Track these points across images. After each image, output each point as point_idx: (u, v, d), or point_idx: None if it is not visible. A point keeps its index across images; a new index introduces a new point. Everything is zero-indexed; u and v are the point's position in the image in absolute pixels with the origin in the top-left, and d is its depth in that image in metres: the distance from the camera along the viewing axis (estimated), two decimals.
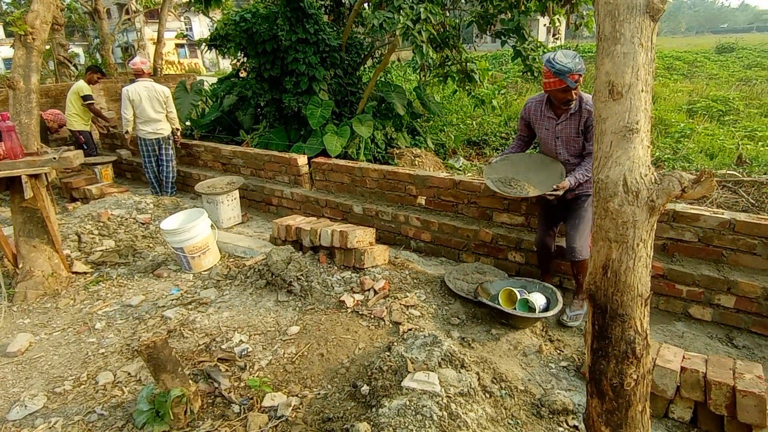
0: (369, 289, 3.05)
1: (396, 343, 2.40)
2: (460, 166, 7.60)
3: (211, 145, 5.95)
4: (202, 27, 33.63)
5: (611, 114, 1.29)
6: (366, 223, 4.33)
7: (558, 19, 6.21)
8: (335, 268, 3.34)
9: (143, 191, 5.81)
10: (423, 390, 1.97)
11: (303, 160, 5.01)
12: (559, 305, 2.81)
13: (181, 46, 34.51)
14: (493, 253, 3.68)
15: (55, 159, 3.08)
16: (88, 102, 6.15)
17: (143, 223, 4.25)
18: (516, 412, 2.10)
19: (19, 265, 3.28)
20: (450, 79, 6.84)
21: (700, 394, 2.03)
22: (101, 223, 4.05)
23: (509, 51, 6.91)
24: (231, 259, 3.80)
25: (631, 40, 1.26)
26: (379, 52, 8.16)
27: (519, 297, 2.87)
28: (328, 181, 4.77)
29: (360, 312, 2.87)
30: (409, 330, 2.58)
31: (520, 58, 6.44)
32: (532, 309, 2.81)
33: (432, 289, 3.13)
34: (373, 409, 1.98)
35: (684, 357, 2.16)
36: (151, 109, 5.25)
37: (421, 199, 4.09)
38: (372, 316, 2.80)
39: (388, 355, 2.28)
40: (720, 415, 2.01)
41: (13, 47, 3.25)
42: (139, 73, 5.26)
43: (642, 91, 1.27)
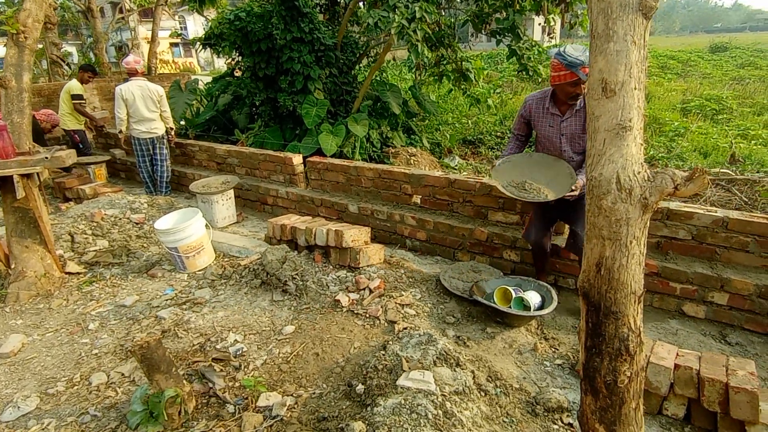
0: (364, 288, 3.04)
1: (391, 342, 2.40)
2: (456, 165, 7.61)
3: (206, 145, 5.92)
4: (196, 26, 33.48)
5: (604, 112, 1.29)
6: (361, 222, 4.32)
7: (553, 18, 6.22)
8: (330, 267, 3.33)
9: (137, 191, 5.77)
10: (418, 389, 1.97)
11: (298, 160, 5.00)
12: (554, 303, 2.81)
13: (176, 45, 34.31)
14: (489, 252, 3.68)
15: (47, 158, 3.06)
16: (76, 101, 6.09)
17: (137, 223, 4.22)
18: (511, 411, 2.10)
19: (11, 266, 3.26)
20: (445, 78, 6.84)
21: (693, 390, 2.04)
22: (95, 223, 4.03)
23: (504, 50, 6.91)
24: (226, 259, 3.78)
25: (624, 37, 1.26)
26: (375, 51, 8.15)
27: (514, 295, 2.88)
28: (323, 181, 4.77)
29: (355, 311, 2.86)
30: (405, 329, 2.58)
31: (515, 57, 6.45)
32: (527, 307, 2.81)
33: (427, 287, 3.13)
34: (368, 408, 1.98)
35: (678, 354, 2.17)
36: (145, 109, 5.22)
37: (417, 198, 4.09)
38: (367, 315, 2.80)
39: (383, 354, 2.28)
40: (713, 412, 2.02)
41: (5, 46, 3.22)
42: (132, 73, 5.23)
43: (635, 88, 1.27)
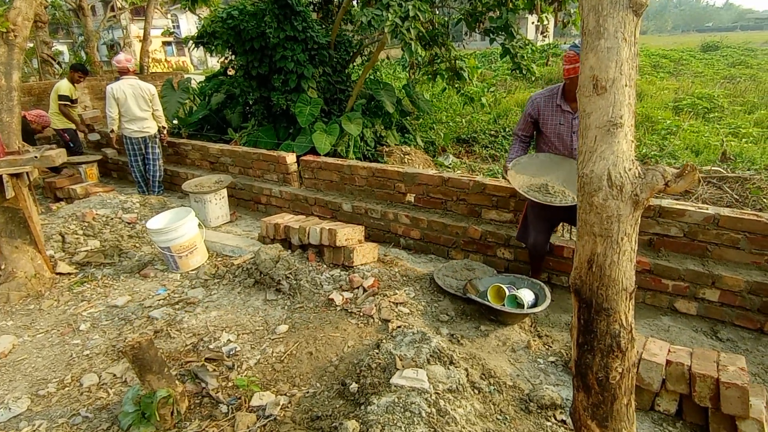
0: (358, 287, 3.04)
1: (385, 341, 2.40)
2: (450, 164, 7.61)
3: (199, 144, 5.89)
4: (189, 24, 33.27)
5: (595, 108, 1.30)
6: (355, 221, 4.31)
7: (546, 17, 6.24)
8: (324, 266, 3.32)
9: (129, 190, 5.73)
10: (412, 387, 1.97)
11: (292, 159, 4.98)
12: (548, 301, 2.82)
13: (168, 44, 34.06)
14: (482, 250, 3.69)
15: (36, 158, 3.02)
16: (62, 102, 6.00)
17: (129, 223, 4.19)
18: (504, 408, 2.11)
19: (1, 267, 3.23)
20: (439, 77, 6.85)
21: (685, 386, 2.06)
22: (86, 223, 3.99)
23: (498, 49, 6.93)
24: (219, 258, 3.76)
25: (614, 34, 1.26)
26: (368, 49, 8.14)
27: (508, 293, 2.88)
28: (317, 180, 4.75)
29: (349, 310, 2.85)
30: (398, 327, 2.58)
31: (508, 56, 6.46)
32: (520, 305, 2.82)
33: (421, 286, 3.13)
34: (362, 406, 1.97)
35: (669, 350, 2.19)
36: (137, 108, 5.17)
37: (410, 197, 4.09)
38: (361, 314, 2.80)
39: (377, 353, 2.28)
40: (704, 407, 2.03)
41: None
42: (124, 71, 5.18)
43: (626, 85, 1.27)
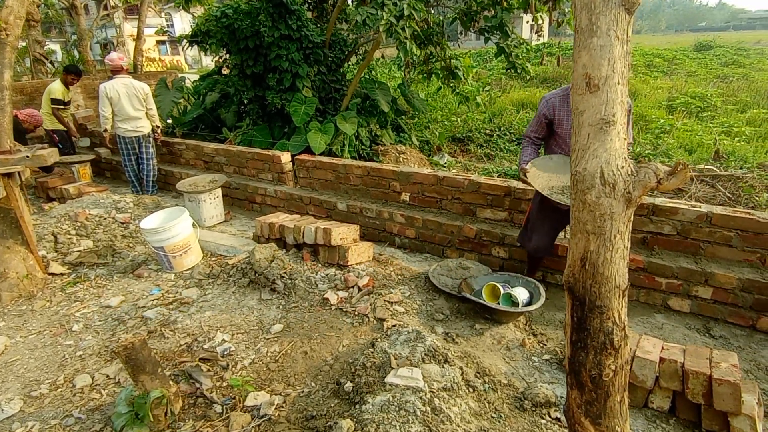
0: (353, 286, 3.03)
1: (380, 340, 2.39)
2: (445, 163, 7.62)
3: (193, 143, 5.86)
4: (183, 23, 33.07)
5: (588, 106, 1.30)
6: (350, 220, 4.30)
7: (541, 16, 6.25)
8: (319, 265, 3.32)
9: (123, 190, 5.69)
10: (406, 386, 1.97)
11: (286, 158, 4.97)
12: (542, 299, 2.83)
13: (163, 42, 33.87)
14: (477, 249, 3.69)
15: (28, 157, 2.99)
16: (54, 106, 5.98)
17: (123, 223, 4.16)
18: (499, 406, 2.11)
19: None
20: (434, 76, 6.85)
21: (678, 383, 2.07)
22: (79, 223, 3.96)
23: (493, 48, 6.93)
24: (213, 258, 3.74)
25: (607, 32, 1.26)
26: (363, 48, 8.13)
27: (502, 292, 2.89)
28: (311, 179, 4.74)
29: (344, 309, 2.85)
30: (393, 326, 2.57)
31: (503, 55, 6.46)
32: (515, 303, 2.82)
33: (416, 285, 3.13)
34: (357, 405, 1.97)
35: (663, 348, 2.20)
36: (131, 107, 5.14)
37: (405, 196, 4.09)
38: (356, 313, 2.79)
39: (372, 352, 2.27)
40: (697, 404, 2.05)
41: None
42: (117, 70, 5.14)
43: (618, 83, 1.28)
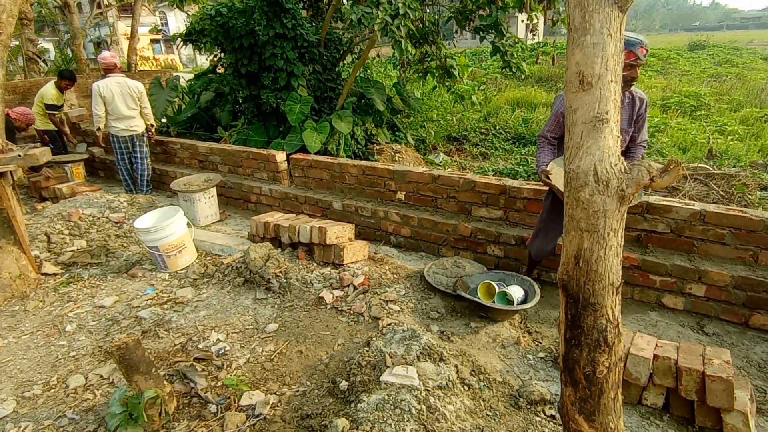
0: (348, 285, 3.03)
1: (375, 338, 2.39)
2: (441, 162, 7.62)
3: (188, 142, 5.83)
4: (178, 22, 32.88)
5: (582, 104, 1.30)
6: (346, 219, 4.30)
7: (536, 15, 6.26)
8: (314, 264, 3.31)
9: (117, 190, 5.65)
10: (401, 384, 1.97)
11: (282, 157, 4.95)
12: (537, 297, 2.84)
13: (157, 41, 33.68)
14: (473, 247, 3.70)
15: (20, 156, 2.97)
16: (50, 112, 5.93)
17: (116, 222, 4.14)
18: (494, 404, 2.11)
19: None
20: (429, 75, 6.85)
21: (671, 380, 2.08)
22: (72, 223, 3.93)
23: (488, 47, 6.94)
24: (208, 258, 3.73)
25: (600, 30, 1.26)
26: (359, 47, 8.12)
27: (497, 290, 2.89)
28: (307, 178, 4.73)
29: (339, 308, 2.85)
30: (389, 325, 2.57)
31: (498, 54, 6.48)
32: (510, 302, 2.83)
33: (412, 283, 3.13)
34: (352, 404, 1.97)
35: (657, 345, 2.21)
36: (124, 106, 5.10)
37: (401, 195, 4.09)
38: (351, 312, 2.79)
39: (367, 350, 2.27)
40: (691, 400, 2.06)
41: None
42: (110, 68, 5.10)
43: (611, 81, 1.28)
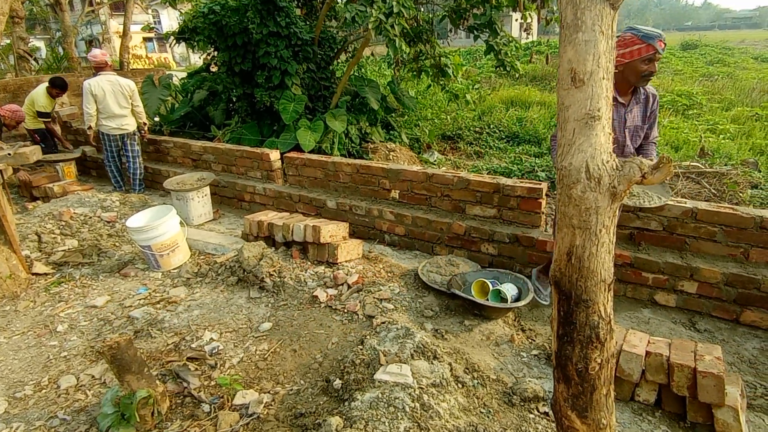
0: (342, 284, 3.03)
1: (369, 337, 2.39)
2: (435, 161, 7.63)
3: (181, 141, 5.79)
4: (170, 20, 32.62)
5: (574, 101, 1.30)
6: (340, 217, 4.29)
7: (529, 14, 6.28)
8: (308, 263, 3.30)
9: (109, 188, 5.61)
10: (395, 382, 1.97)
11: (275, 156, 4.93)
12: (531, 295, 2.85)
13: (149, 39, 33.45)
14: (467, 246, 3.70)
15: (10, 155, 2.94)
16: (44, 120, 5.89)
17: (108, 222, 4.11)
18: (488, 401, 2.12)
19: None
20: (424, 74, 6.84)
21: (663, 376, 2.09)
22: (63, 222, 3.90)
23: (482, 46, 6.95)
24: (201, 257, 3.71)
25: (592, 27, 1.26)
26: (353, 46, 8.09)
27: (491, 288, 2.90)
28: (301, 176, 4.72)
29: (333, 306, 2.84)
30: (383, 323, 2.57)
31: (492, 53, 6.48)
32: (504, 299, 2.84)
33: (406, 282, 3.13)
34: (346, 402, 1.96)
35: (649, 342, 2.22)
36: (116, 105, 5.06)
37: (395, 193, 4.09)
38: (345, 311, 2.78)
39: (361, 349, 2.27)
40: (682, 396, 2.07)
41: None
42: (101, 66, 5.05)
43: (603, 78, 1.28)
